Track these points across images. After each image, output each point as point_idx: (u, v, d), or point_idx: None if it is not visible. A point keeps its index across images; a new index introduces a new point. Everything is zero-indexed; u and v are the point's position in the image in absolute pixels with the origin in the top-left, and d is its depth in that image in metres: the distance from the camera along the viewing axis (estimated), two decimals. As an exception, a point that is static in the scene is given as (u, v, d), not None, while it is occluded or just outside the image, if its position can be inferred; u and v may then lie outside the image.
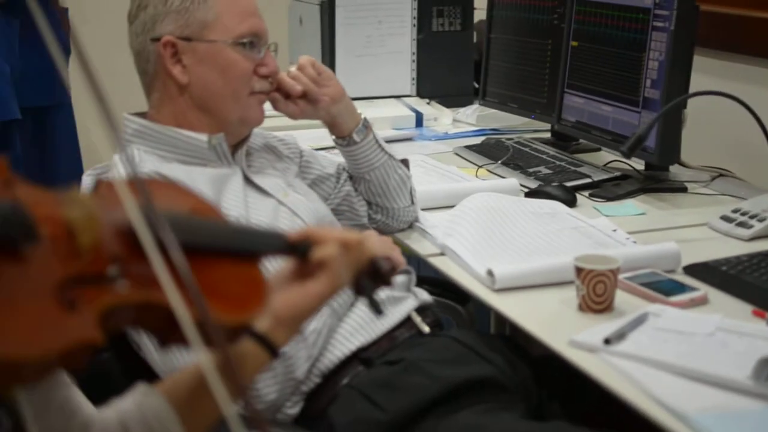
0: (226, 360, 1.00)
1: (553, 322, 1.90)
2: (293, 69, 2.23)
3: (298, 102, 2.21)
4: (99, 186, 1.16)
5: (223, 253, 1.16)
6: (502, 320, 2.11)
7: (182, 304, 0.99)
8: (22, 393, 1.04)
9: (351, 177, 2.31)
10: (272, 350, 1.26)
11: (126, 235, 1.07)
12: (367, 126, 2.27)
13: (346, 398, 1.84)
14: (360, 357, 1.90)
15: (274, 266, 1.44)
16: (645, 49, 2.64)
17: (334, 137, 2.28)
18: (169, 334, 1.07)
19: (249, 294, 1.15)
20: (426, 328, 2.01)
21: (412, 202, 2.36)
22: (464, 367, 1.89)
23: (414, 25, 3.63)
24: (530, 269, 2.05)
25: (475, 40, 3.76)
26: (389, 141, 2.53)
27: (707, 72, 2.92)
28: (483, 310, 2.46)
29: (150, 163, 2.00)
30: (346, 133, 2.25)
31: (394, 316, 1.99)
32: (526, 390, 1.95)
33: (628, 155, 2.43)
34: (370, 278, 1.35)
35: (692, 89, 2.62)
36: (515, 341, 2.09)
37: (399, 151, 2.48)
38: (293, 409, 1.85)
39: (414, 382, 1.83)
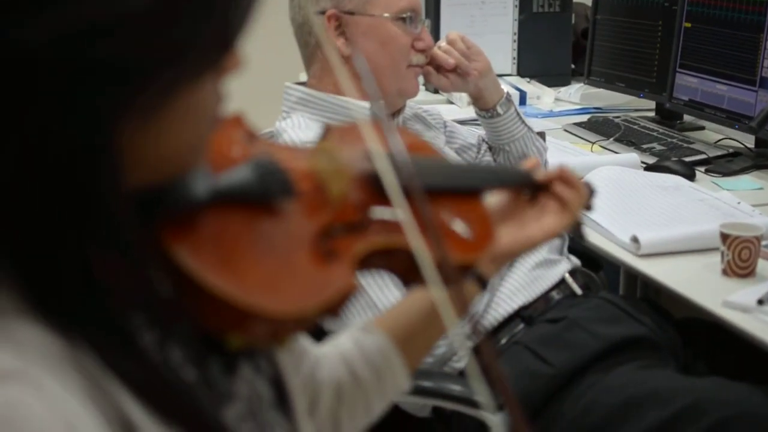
0: (460, 297, 0.99)
1: (701, 285, 2.00)
2: (444, 44, 2.34)
3: (449, 75, 2.32)
4: (332, 132, 1.17)
5: (458, 191, 1.18)
6: (645, 284, 2.22)
7: (425, 248, 1.00)
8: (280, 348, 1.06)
9: (490, 148, 2.43)
10: (483, 283, 1.28)
11: (369, 181, 1.08)
12: (509, 99, 2.38)
13: (512, 353, 1.96)
14: (521, 315, 2.02)
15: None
16: (762, 30, 2.74)
17: (478, 109, 2.39)
18: (412, 274, 1.07)
19: (479, 232, 1.16)
20: (579, 290, 2.13)
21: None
22: (619, 325, 2.00)
23: (516, 6, 3.74)
24: (674, 235, 2.16)
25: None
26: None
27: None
28: (614, 276, 2.58)
29: (315, 130, 2.11)
30: (491, 105, 2.36)
31: (550, 277, 2.11)
32: (674, 349, 2.07)
33: (757, 131, 2.53)
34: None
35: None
36: (658, 304, 2.21)
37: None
38: (460, 363, 1.96)
39: (577, 338, 1.95)
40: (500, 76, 3.66)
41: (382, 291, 1.87)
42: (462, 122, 2.70)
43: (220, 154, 0.97)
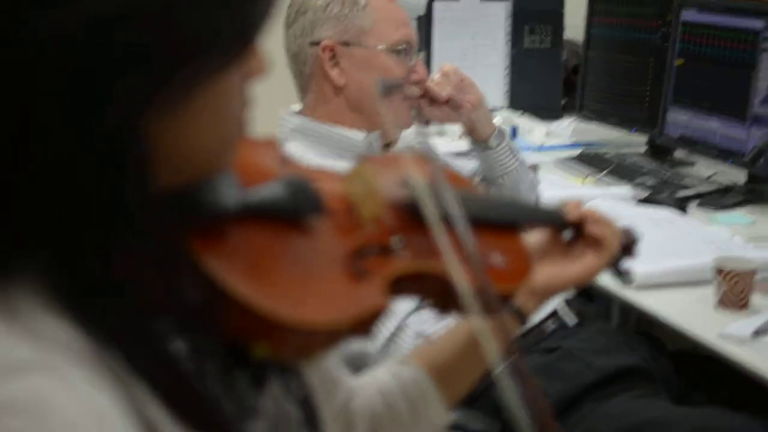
0: (501, 327, 1.00)
1: (695, 317, 2.01)
2: (437, 76, 2.35)
3: (442, 107, 2.33)
4: (366, 160, 1.18)
5: (495, 224, 1.20)
6: (639, 316, 2.22)
7: (463, 275, 1.01)
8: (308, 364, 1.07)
9: (484, 181, 2.43)
10: (522, 318, 1.29)
11: (404, 206, 1.10)
12: (502, 132, 2.39)
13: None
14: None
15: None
16: (754, 67, 2.76)
17: (471, 141, 2.40)
18: (448, 302, 1.09)
19: (517, 265, 1.18)
20: (573, 320, 2.13)
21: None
22: (614, 356, 2.01)
23: (508, 41, 3.76)
24: (669, 268, 2.17)
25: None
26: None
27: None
28: (607, 306, 2.58)
29: (311, 159, 2.12)
30: (484, 137, 2.37)
31: (544, 309, 2.11)
32: (668, 380, 2.07)
33: (750, 166, 2.55)
34: (620, 251, 1.38)
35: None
36: (652, 335, 2.21)
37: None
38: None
39: (572, 368, 1.94)
40: (492, 109, 3.72)
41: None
42: (454, 155, 2.70)
43: (252, 170, 0.99)
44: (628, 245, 1.40)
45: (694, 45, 3.00)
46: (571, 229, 1.34)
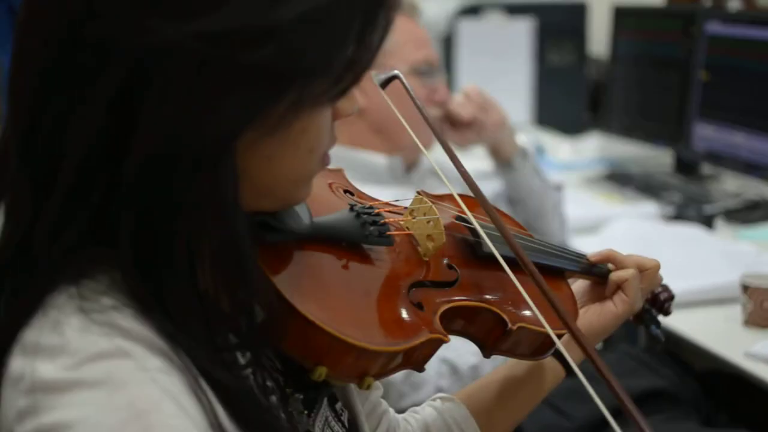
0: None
1: (722, 336, 1.99)
2: (460, 97, 2.35)
3: (466, 129, 2.33)
4: (425, 196, 1.18)
5: (546, 268, 1.19)
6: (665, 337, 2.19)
7: (542, 318, 1.04)
8: (356, 391, 1.11)
9: (507, 201, 2.42)
10: (567, 367, 1.25)
11: (464, 245, 1.15)
12: (526, 153, 2.38)
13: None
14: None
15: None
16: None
17: (495, 162, 2.39)
18: (493, 340, 1.12)
19: (567, 309, 1.15)
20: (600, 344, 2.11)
21: (562, 223, 2.47)
22: (640, 378, 1.99)
23: (532, 59, 3.76)
24: (695, 286, 2.14)
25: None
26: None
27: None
28: (632, 328, 2.55)
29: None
30: (508, 158, 2.36)
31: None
32: (695, 402, 2.04)
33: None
34: (651, 305, 1.36)
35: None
36: (679, 356, 2.18)
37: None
38: None
39: (598, 392, 1.92)
40: (516, 127, 3.72)
41: None
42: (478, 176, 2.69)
43: (321, 198, 1.05)
44: (661, 300, 1.37)
45: (719, 58, 2.98)
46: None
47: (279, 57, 0.81)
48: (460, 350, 1.88)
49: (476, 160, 2.60)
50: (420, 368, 1.03)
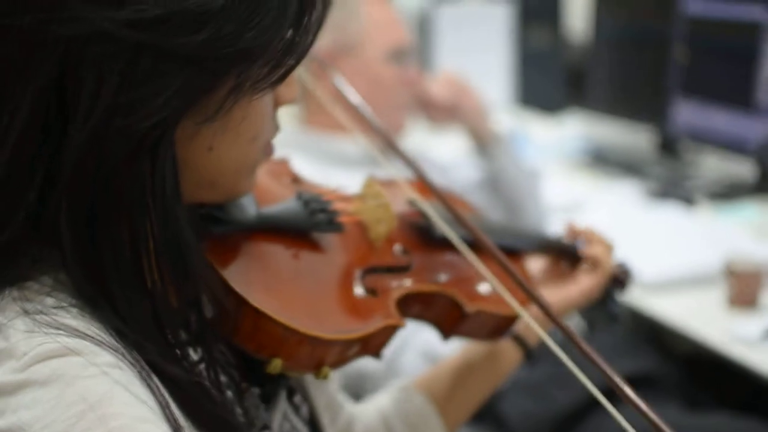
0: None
1: (704, 319, 1.97)
2: (438, 80, 2.32)
3: (443, 112, 2.30)
4: (375, 181, 1.17)
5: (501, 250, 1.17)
6: (648, 321, 2.17)
7: (507, 294, 1.03)
8: (314, 383, 1.10)
9: (484, 186, 2.39)
10: (527, 349, 1.26)
11: (416, 228, 1.13)
12: (503, 136, 2.36)
13: (513, 393, 1.92)
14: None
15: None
16: (757, 60, 2.71)
17: (472, 146, 2.36)
18: (450, 323, 1.11)
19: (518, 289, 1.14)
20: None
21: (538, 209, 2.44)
22: (621, 362, 1.96)
23: (510, 41, 3.73)
24: (676, 267, 2.12)
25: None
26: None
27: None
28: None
29: (306, 168, 2.09)
30: (485, 142, 2.33)
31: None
32: (678, 386, 2.03)
33: (760, 160, 2.51)
34: (611, 282, 1.34)
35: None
36: (661, 340, 2.17)
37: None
38: None
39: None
40: (497, 104, 3.70)
41: None
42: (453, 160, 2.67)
43: (267, 188, 1.04)
44: (621, 278, 1.37)
45: (699, 37, 2.95)
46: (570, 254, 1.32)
47: (214, 42, 0.79)
48: (441, 345, 1.86)
49: (455, 147, 2.58)
50: (378, 355, 1.02)
